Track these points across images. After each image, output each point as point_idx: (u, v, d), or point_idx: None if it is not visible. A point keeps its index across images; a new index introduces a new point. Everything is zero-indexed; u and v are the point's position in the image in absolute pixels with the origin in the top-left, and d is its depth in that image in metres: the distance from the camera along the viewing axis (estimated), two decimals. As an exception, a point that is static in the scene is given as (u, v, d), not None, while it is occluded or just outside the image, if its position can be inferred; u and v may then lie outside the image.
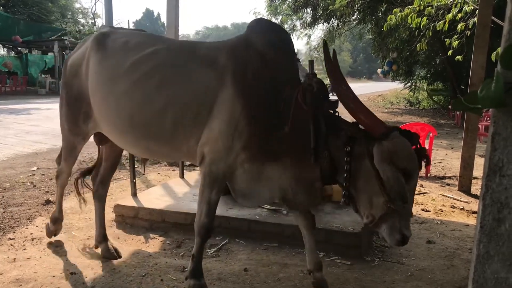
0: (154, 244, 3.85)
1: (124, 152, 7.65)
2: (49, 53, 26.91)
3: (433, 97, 23.10)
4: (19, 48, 27.17)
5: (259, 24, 2.92)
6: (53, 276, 3.14)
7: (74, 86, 3.19)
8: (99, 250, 3.56)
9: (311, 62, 2.67)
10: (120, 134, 2.97)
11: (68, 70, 3.27)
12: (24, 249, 3.62)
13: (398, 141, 2.28)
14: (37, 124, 11.42)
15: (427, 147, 6.66)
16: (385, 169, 2.24)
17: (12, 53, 29.46)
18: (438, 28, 7.87)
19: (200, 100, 2.63)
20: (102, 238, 3.57)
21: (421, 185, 5.99)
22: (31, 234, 3.94)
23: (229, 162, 2.63)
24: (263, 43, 2.69)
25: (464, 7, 7.30)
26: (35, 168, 6.53)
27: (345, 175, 2.41)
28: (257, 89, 2.59)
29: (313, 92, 2.49)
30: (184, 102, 2.66)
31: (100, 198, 3.65)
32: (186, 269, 3.25)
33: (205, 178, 2.70)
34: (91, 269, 3.28)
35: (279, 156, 2.62)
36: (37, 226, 4.13)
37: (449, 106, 18.13)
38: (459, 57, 7.94)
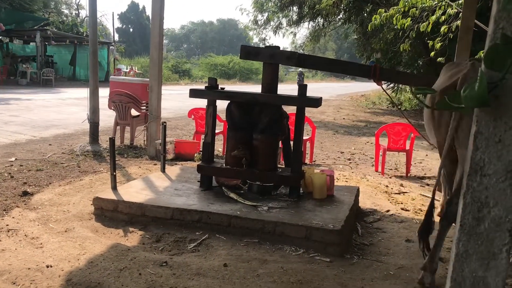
0: (133, 238, 3.81)
1: (105, 145, 7.53)
2: (31, 43, 26.41)
3: (418, 95, 23.28)
4: (0, 37, 26.59)
5: None
6: (29, 269, 3.08)
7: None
8: None
9: None
10: None
11: None
12: (-1, 241, 3.55)
13: None
14: (16, 115, 11.21)
15: (407, 147, 6.73)
16: None
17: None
18: (421, 30, 7.96)
19: None
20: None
21: (401, 185, 6.04)
22: (7, 225, 3.85)
23: None
24: None
25: (448, 10, 7.39)
26: (13, 159, 6.40)
27: None
28: None
29: None
30: None
31: None
32: (165, 263, 3.23)
33: None
34: (68, 262, 3.22)
35: None
36: (13, 218, 4.05)
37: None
38: (441, 59, 8.03)
